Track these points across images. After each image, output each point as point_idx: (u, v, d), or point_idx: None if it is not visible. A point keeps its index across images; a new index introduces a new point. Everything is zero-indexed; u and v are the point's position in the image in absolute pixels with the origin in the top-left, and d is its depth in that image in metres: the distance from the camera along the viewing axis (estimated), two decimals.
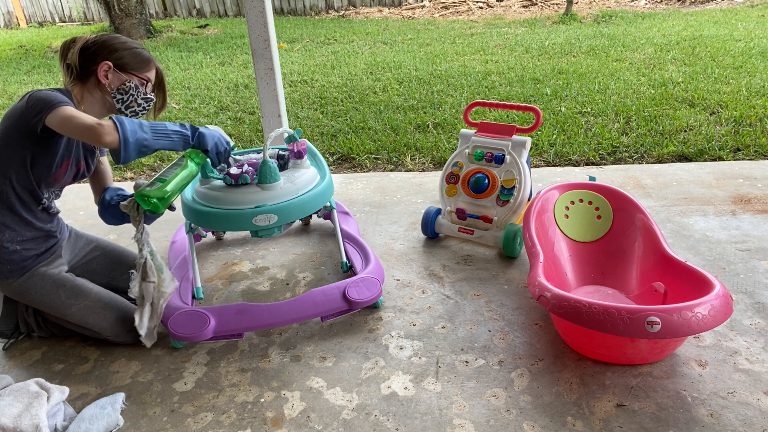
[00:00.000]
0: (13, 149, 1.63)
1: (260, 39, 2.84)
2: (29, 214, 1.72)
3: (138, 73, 1.75)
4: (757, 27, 6.69)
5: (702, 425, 1.42)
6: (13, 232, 1.69)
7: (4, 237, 1.68)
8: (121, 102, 1.75)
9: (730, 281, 2.01)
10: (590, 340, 1.63)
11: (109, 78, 1.71)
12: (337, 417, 1.52)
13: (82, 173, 1.84)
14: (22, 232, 1.71)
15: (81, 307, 1.78)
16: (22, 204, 1.70)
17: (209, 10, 11.34)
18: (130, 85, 1.74)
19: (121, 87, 1.73)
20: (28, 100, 1.58)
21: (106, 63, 1.69)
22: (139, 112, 1.79)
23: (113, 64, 1.70)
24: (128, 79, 1.73)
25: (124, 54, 1.72)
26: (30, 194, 1.70)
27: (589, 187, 2.08)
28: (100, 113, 1.77)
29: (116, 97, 1.74)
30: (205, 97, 5.12)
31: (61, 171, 1.72)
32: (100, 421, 1.50)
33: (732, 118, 3.66)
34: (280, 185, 1.88)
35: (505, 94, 4.61)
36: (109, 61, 1.70)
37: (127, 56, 1.72)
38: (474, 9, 9.94)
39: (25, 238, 1.72)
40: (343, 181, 3.17)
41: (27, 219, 1.71)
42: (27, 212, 1.71)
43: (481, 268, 2.22)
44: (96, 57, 1.69)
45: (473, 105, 2.52)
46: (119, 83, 1.72)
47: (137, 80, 1.75)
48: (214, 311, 1.79)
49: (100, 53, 1.69)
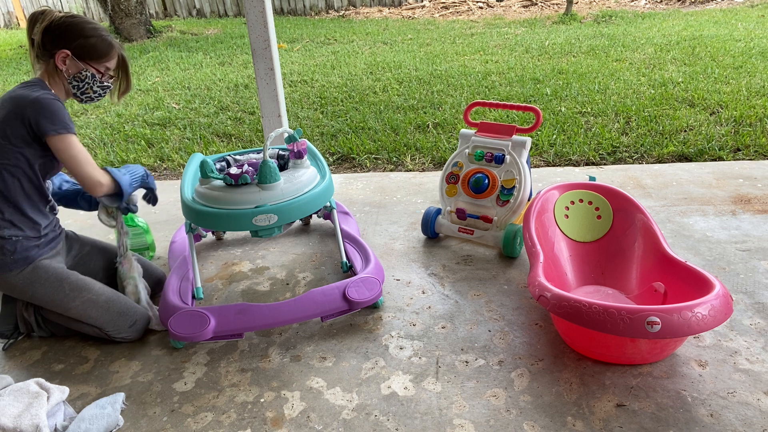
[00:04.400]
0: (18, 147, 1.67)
1: (260, 39, 2.84)
2: (36, 214, 1.76)
3: (95, 64, 1.78)
4: (757, 27, 6.69)
5: (702, 425, 1.42)
6: (19, 230, 1.72)
7: (7, 231, 1.71)
8: (77, 88, 1.80)
9: (730, 281, 2.01)
10: (590, 340, 1.63)
11: (66, 64, 1.75)
12: (337, 417, 1.52)
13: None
14: (27, 231, 1.74)
15: (84, 300, 1.79)
16: (30, 203, 1.74)
17: (209, 10, 11.33)
18: (86, 74, 1.78)
19: (77, 75, 1.77)
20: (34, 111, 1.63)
21: (64, 51, 1.72)
22: (94, 98, 1.85)
23: (71, 52, 1.73)
24: (85, 68, 1.77)
25: (84, 42, 1.74)
26: (38, 192, 1.75)
27: (589, 187, 2.08)
28: (64, 95, 1.82)
29: (72, 83, 1.79)
30: (205, 97, 5.12)
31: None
32: (100, 421, 1.50)
33: (732, 118, 3.66)
34: (281, 185, 1.88)
35: (505, 94, 4.61)
36: (67, 49, 1.73)
37: (86, 45, 1.75)
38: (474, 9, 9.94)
39: (29, 235, 1.75)
40: (343, 181, 3.17)
41: (33, 219, 1.75)
42: (34, 212, 1.75)
43: (481, 268, 2.22)
44: (57, 42, 1.72)
45: (473, 105, 2.52)
46: (76, 71, 1.77)
47: (94, 70, 1.79)
48: (214, 311, 1.79)
49: (62, 39, 1.72)
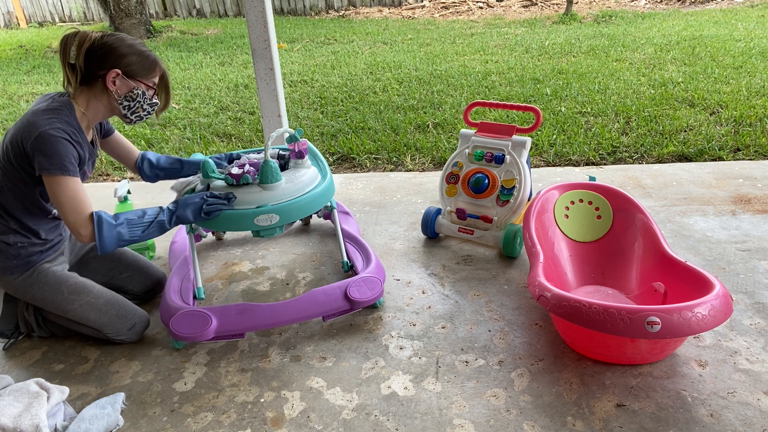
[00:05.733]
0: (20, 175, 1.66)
1: (260, 39, 2.84)
2: (38, 226, 1.77)
3: (145, 80, 1.74)
4: (757, 27, 6.69)
5: (702, 425, 1.42)
6: (24, 237, 1.74)
7: (12, 238, 1.72)
8: (128, 108, 1.74)
9: (730, 281, 2.01)
10: (590, 340, 1.63)
11: (117, 84, 1.69)
12: (337, 417, 1.52)
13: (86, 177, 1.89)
14: (32, 239, 1.76)
15: (83, 303, 1.79)
16: (32, 218, 1.75)
17: (209, 10, 11.33)
18: (137, 92, 1.72)
19: (129, 94, 1.72)
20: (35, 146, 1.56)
21: (115, 71, 1.66)
22: (143, 116, 1.79)
23: (122, 71, 1.67)
24: (136, 86, 1.72)
25: (133, 60, 1.69)
26: (39, 209, 1.75)
27: (589, 187, 2.08)
28: (104, 116, 1.78)
29: (123, 104, 1.73)
30: (205, 97, 5.12)
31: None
32: (100, 421, 1.50)
33: (732, 118, 3.66)
34: (282, 185, 1.88)
35: (505, 94, 4.61)
36: (118, 68, 1.66)
37: (135, 62, 1.69)
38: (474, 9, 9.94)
39: (34, 242, 1.76)
40: (343, 181, 3.17)
41: (36, 230, 1.76)
42: (36, 224, 1.76)
43: (481, 268, 2.22)
44: (104, 62, 1.65)
45: (473, 105, 2.52)
46: (127, 90, 1.71)
47: (144, 87, 1.74)
48: (215, 311, 1.79)
49: (108, 59, 1.65)
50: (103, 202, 3.04)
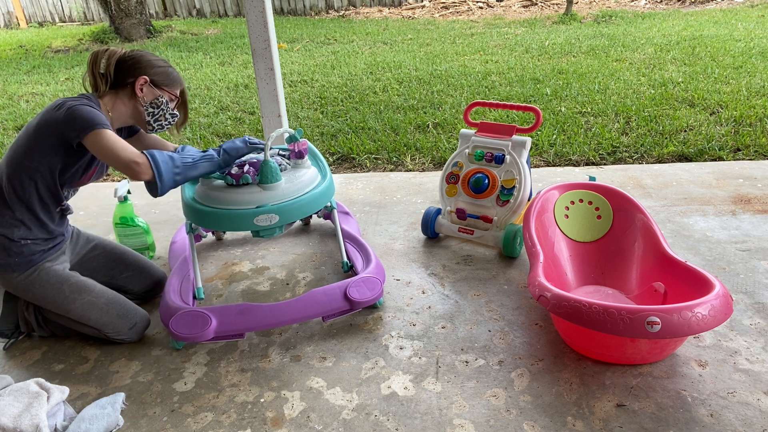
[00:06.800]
0: (44, 156, 1.70)
1: (260, 39, 2.84)
2: (46, 216, 1.78)
3: (170, 90, 1.87)
4: (757, 27, 6.70)
5: (702, 425, 1.42)
6: (28, 230, 1.75)
7: (17, 233, 1.73)
8: (152, 115, 1.86)
9: (730, 281, 2.01)
10: (590, 340, 1.63)
11: (144, 91, 1.82)
12: (337, 417, 1.52)
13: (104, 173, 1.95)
14: (35, 232, 1.76)
15: (84, 302, 1.79)
16: (42, 205, 1.76)
17: (209, 10, 11.33)
18: (162, 100, 1.86)
19: (154, 101, 1.85)
20: (67, 114, 1.64)
21: (143, 77, 1.80)
22: (165, 126, 1.92)
23: (149, 79, 1.81)
24: (161, 95, 1.85)
25: (159, 71, 1.84)
26: (52, 196, 1.77)
27: (589, 187, 2.08)
28: (128, 121, 1.88)
29: (148, 110, 1.85)
30: (205, 97, 5.12)
31: (87, 176, 1.84)
32: (100, 421, 1.50)
33: (732, 118, 3.66)
34: (282, 185, 1.88)
35: (505, 94, 4.61)
36: (146, 75, 1.80)
37: (161, 73, 1.84)
38: (474, 9, 9.94)
39: (37, 237, 1.77)
40: (343, 181, 3.17)
41: (43, 220, 1.77)
42: (45, 214, 1.77)
43: (481, 268, 2.22)
44: (133, 70, 1.80)
45: (473, 105, 2.52)
46: (153, 97, 1.84)
47: (168, 96, 1.87)
48: (215, 311, 1.79)
49: (138, 67, 1.80)
50: (103, 202, 3.05)
